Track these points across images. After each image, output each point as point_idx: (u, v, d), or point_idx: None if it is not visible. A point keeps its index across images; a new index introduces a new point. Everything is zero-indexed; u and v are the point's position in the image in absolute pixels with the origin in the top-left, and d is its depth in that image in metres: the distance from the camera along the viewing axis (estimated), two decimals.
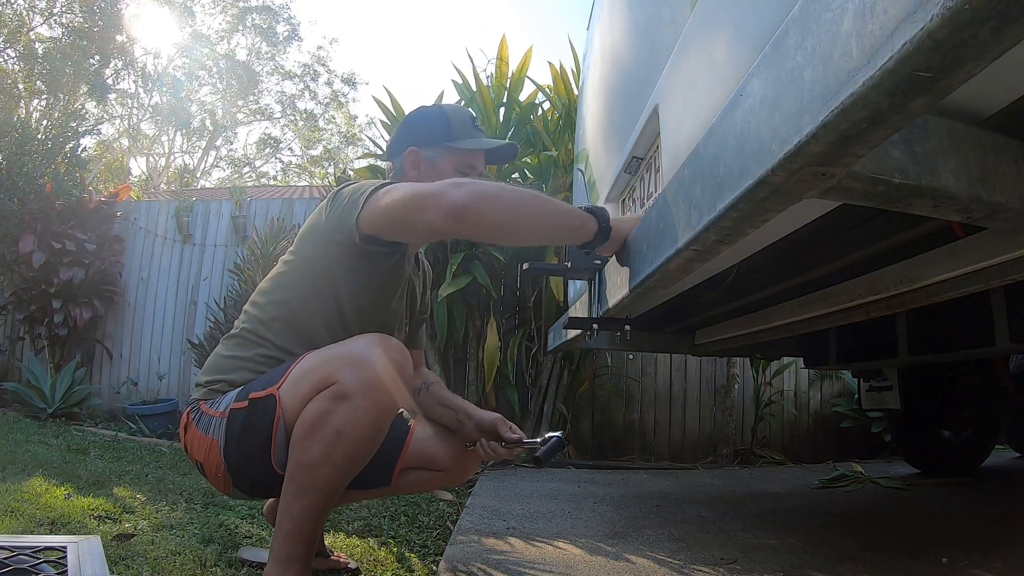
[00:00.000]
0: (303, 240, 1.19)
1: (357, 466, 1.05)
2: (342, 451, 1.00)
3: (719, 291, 1.45)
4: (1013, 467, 3.04)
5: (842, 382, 3.60)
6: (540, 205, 1.00)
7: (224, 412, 1.09)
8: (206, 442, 1.10)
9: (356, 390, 0.99)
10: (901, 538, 1.65)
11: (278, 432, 1.04)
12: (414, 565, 1.35)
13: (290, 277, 1.18)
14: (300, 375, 1.05)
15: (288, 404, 1.03)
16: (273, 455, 1.05)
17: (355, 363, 1.01)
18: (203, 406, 1.13)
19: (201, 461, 1.13)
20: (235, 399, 1.09)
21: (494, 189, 0.98)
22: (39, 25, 9.23)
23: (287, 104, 16.51)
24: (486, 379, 3.11)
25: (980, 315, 1.38)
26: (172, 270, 4.37)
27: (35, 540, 1.01)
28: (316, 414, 1.00)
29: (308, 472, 1.00)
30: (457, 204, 0.94)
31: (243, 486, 1.13)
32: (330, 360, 1.04)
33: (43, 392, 3.80)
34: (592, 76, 1.95)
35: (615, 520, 1.83)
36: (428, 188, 1.00)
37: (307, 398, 1.02)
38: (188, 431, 1.15)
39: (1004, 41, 0.32)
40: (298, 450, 1.01)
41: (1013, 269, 0.85)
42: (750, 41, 0.67)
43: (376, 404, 1.01)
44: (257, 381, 1.10)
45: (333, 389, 1.00)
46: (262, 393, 1.06)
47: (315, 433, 1.00)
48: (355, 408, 0.99)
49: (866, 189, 0.50)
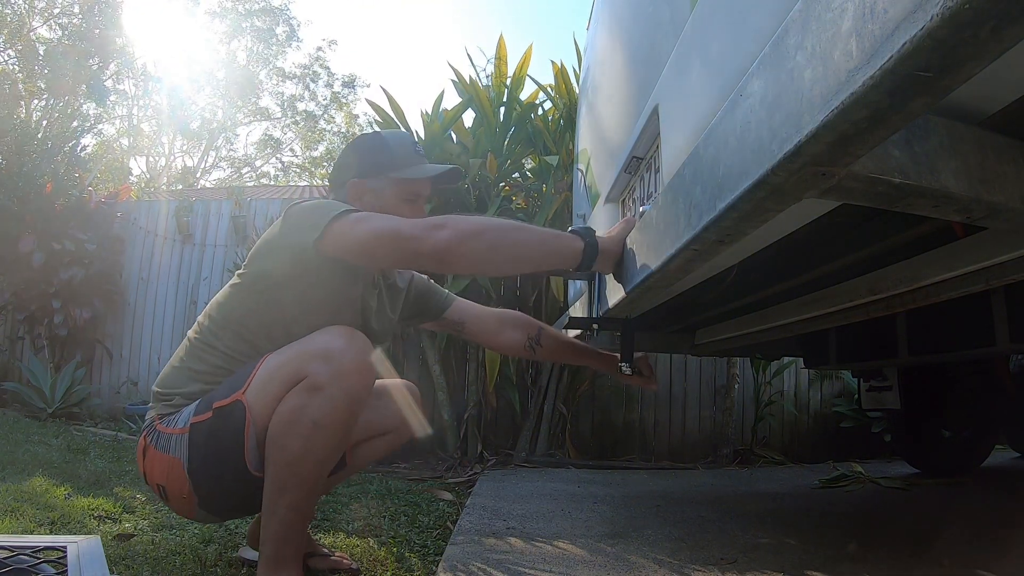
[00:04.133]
0: (257, 256, 1.16)
1: (335, 455, 1.06)
2: (322, 442, 1.01)
3: (719, 291, 1.45)
4: (1013, 467, 3.04)
5: (842, 382, 3.60)
6: (521, 236, 1.01)
7: (184, 428, 1.06)
8: (166, 462, 1.07)
9: (328, 380, 1.00)
10: (901, 538, 1.65)
11: (249, 437, 1.03)
12: (414, 565, 1.35)
13: (243, 291, 1.16)
14: (267, 376, 1.04)
15: (257, 407, 1.03)
16: (248, 460, 1.03)
17: (324, 355, 1.02)
18: (159, 426, 1.10)
19: (162, 484, 1.09)
20: (195, 412, 1.07)
21: (474, 227, 0.99)
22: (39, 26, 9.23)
23: (287, 105, 16.53)
24: (487, 379, 3.11)
25: (980, 315, 1.38)
26: (172, 270, 4.37)
27: (35, 540, 1.00)
28: (292, 409, 1.01)
29: (290, 468, 1.01)
30: (439, 249, 0.97)
31: (210, 505, 1.09)
32: (297, 356, 1.04)
33: (43, 392, 3.80)
34: (592, 76, 1.95)
35: (615, 520, 1.83)
36: (407, 230, 1.01)
37: (278, 397, 1.02)
38: (146, 455, 1.11)
39: (1004, 41, 0.32)
40: (276, 448, 1.01)
41: (1013, 269, 0.85)
42: (750, 41, 0.67)
43: (349, 392, 1.02)
44: (218, 390, 1.08)
45: (306, 383, 1.01)
46: (227, 401, 1.05)
47: (293, 428, 1.00)
48: (330, 398, 1.00)
49: (866, 189, 0.50)
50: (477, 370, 3.18)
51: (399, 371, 2.96)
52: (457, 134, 3.29)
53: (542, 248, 1.01)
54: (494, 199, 3.12)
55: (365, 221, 1.06)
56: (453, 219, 1.01)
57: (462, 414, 3.16)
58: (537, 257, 1.03)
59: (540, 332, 1.44)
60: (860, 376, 2.52)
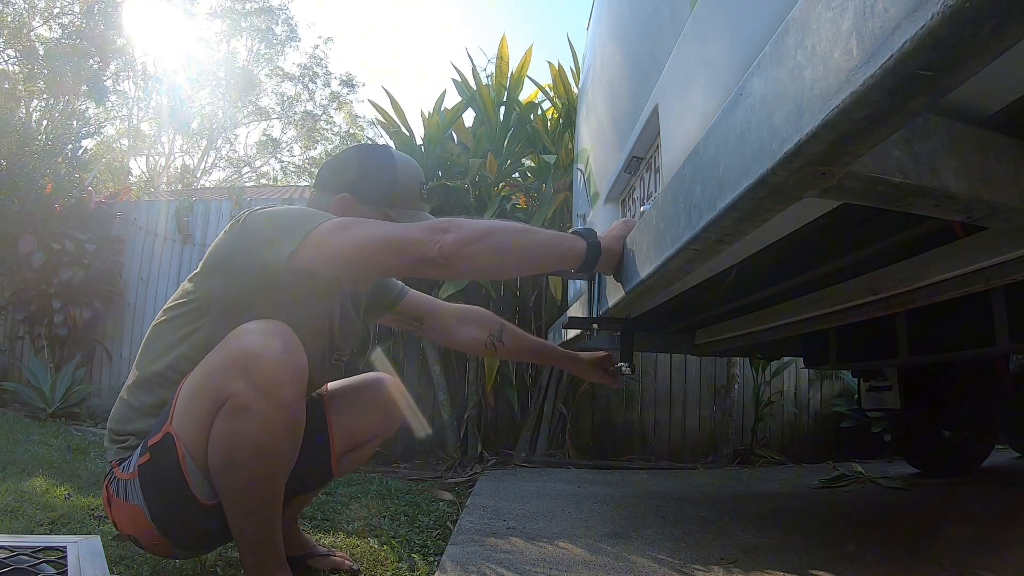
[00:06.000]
0: (208, 272, 1.06)
1: (288, 468, 1.00)
2: (269, 462, 0.95)
3: (719, 291, 1.45)
4: (1013, 467, 3.04)
5: (842, 382, 3.60)
6: (526, 239, 0.98)
7: (134, 472, 0.99)
8: (130, 512, 1.00)
9: (254, 399, 0.91)
10: (901, 538, 1.65)
11: (188, 470, 0.96)
12: (415, 565, 1.35)
13: (194, 312, 1.05)
14: (187, 401, 0.97)
15: (186, 436, 0.95)
16: (193, 491, 0.97)
17: (241, 368, 0.92)
18: (117, 471, 1.03)
19: (133, 535, 1.03)
20: (140, 453, 1.00)
21: (480, 231, 0.95)
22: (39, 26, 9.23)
23: (286, 105, 16.54)
24: (486, 379, 3.11)
25: (980, 315, 1.38)
26: (172, 270, 4.37)
27: (35, 540, 1.00)
28: (225, 436, 0.93)
29: (243, 494, 0.96)
30: (445, 253, 0.91)
31: (185, 543, 1.05)
32: (213, 372, 0.95)
33: (43, 392, 3.80)
34: (592, 76, 1.95)
35: (615, 520, 1.83)
36: (409, 234, 0.95)
37: (204, 421, 0.95)
38: (112, 505, 1.04)
39: (1005, 39, 0.32)
40: (224, 479, 0.95)
41: (1013, 269, 0.85)
42: (750, 40, 0.67)
43: (281, 403, 0.93)
44: (154, 426, 1.00)
45: (230, 405, 0.92)
46: (158, 437, 0.97)
47: (235, 457, 0.93)
48: (262, 416, 0.92)
49: (866, 188, 0.50)
50: (477, 370, 3.18)
51: (399, 371, 2.96)
52: (458, 134, 3.30)
53: (547, 250, 0.99)
54: (494, 198, 3.12)
55: (352, 227, 0.98)
56: (456, 222, 0.96)
57: (462, 414, 3.16)
58: (542, 260, 1.01)
59: (502, 329, 1.37)
60: (860, 376, 2.52)
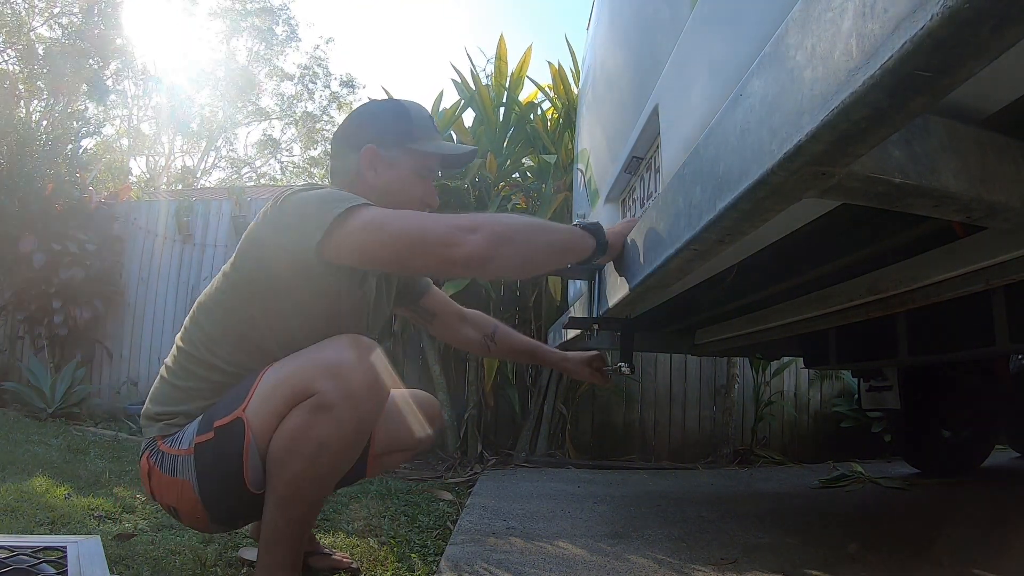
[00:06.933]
0: (245, 255, 1.08)
1: (338, 475, 1.03)
2: (326, 463, 0.97)
3: (719, 291, 1.45)
4: (1013, 467, 3.04)
5: (842, 382, 3.60)
6: (549, 238, 0.99)
7: (189, 449, 1.02)
8: (176, 485, 1.03)
9: (338, 401, 0.95)
10: (901, 538, 1.65)
11: (249, 455, 0.98)
12: (415, 565, 1.35)
13: (235, 298, 1.07)
14: (267, 391, 0.99)
15: (257, 424, 0.98)
16: (247, 478, 0.99)
17: (333, 372, 0.96)
18: (162, 446, 1.05)
19: (174, 506, 1.05)
20: (198, 431, 1.02)
21: (507, 230, 0.94)
22: (39, 26, 9.23)
23: (286, 105, 16.55)
24: (486, 379, 3.11)
25: (980, 315, 1.38)
26: (172, 270, 4.37)
27: (35, 540, 1.00)
28: (297, 427, 0.96)
29: (290, 486, 0.97)
30: (476, 256, 0.90)
31: (222, 519, 1.08)
32: (302, 370, 0.98)
33: (43, 392, 3.80)
34: (592, 76, 1.95)
35: (615, 520, 1.83)
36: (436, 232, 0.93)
37: (280, 413, 0.97)
38: (152, 477, 1.06)
39: (1005, 40, 0.32)
40: (278, 466, 0.97)
41: (1013, 269, 0.85)
42: (750, 41, 0.67)
43: (358, 413, 0.97)
44: (218, 407, 1.03)
45: (313, 401, 0.95)
46: (227, 419, 1.00)
47: (297, 447, 0.96)
48: (338, 419, 0.95)
49: (866, 189, 0.50)
50: (477, 370, 3.18)
51: (399, 371, 2.96)
52: (457, 134, 3.30)
53: (565, 245, 0.99)
54: (494, 198, 3.13)
55: (383, 220, 0.97)
56: (483, 219, 0.95)
57: (462, 414, 3.16)
58: (561, 252, 1.01)
59: (495, 330, 1.43)
60: (860, 376, 2.52)
